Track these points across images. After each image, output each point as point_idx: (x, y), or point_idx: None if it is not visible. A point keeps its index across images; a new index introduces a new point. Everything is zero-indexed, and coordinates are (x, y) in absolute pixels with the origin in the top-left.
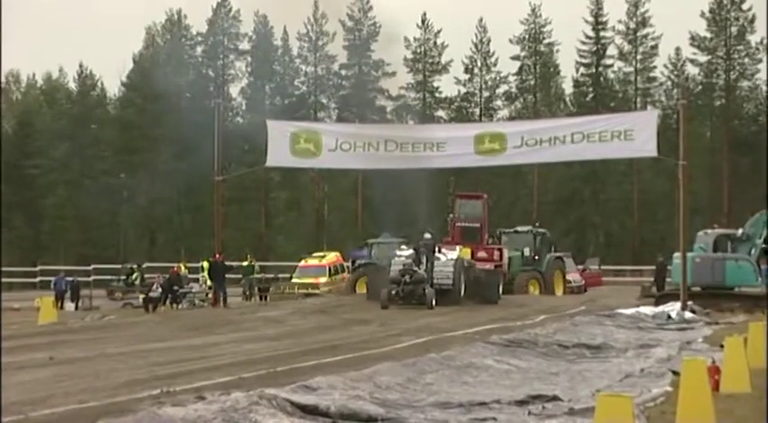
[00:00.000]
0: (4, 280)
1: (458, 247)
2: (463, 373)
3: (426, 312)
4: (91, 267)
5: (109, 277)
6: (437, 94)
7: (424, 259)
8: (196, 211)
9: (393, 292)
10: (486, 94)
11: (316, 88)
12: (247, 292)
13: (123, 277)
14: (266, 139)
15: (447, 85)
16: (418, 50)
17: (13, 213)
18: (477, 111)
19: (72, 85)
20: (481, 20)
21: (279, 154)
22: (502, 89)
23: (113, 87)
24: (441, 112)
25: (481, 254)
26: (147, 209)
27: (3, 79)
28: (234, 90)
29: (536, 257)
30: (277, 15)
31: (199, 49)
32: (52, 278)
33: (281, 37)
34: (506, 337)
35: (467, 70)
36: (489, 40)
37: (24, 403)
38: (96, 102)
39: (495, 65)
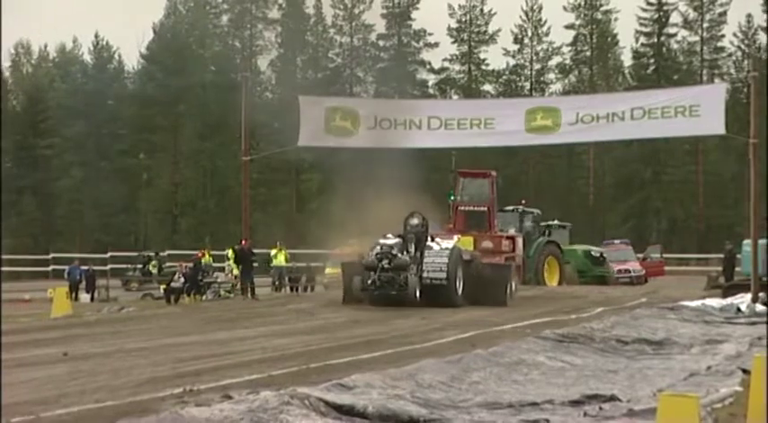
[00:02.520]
0: (14, 268)
1: (456, 236)
2: (512, 370)
3: (472, 305)
4: (108, 255)
5: (125, 266)
6: (484, 67)
7: (412, 249)
8: (222, 195)
9: (368, 282)
10: (537, 66)
11: (351, 60)
12: (277, 283)
13: (140, 266)
14: (298, 116)
15: (494, 57)
16: (463, 19)
17: (25, 197)
18: (528, 85)
19: (87, 58)
20: None
21: (312, 132)
22: (555, 61)
23: (132, 60)
24: (488, 87)
25: (486, 244)
26: (168, 192)
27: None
28: (262, 62)
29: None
30: None
31: (224, 18)
32: (66, 267)
33: (314, 4)
34: (559, 332)
35: (516, 40)
36: (541, 8)
37: (36, 402)
38: (113, 76)
39: (547, 35)
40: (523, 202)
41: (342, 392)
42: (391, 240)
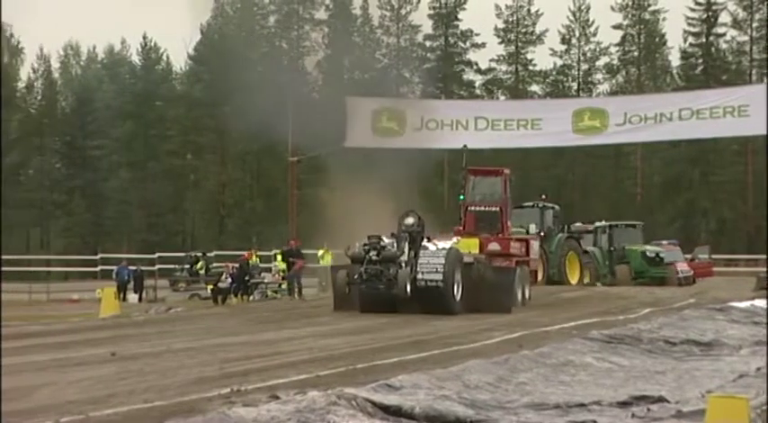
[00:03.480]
0: (63, 269)
1: (455, 238)
2: (560, 371)
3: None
4: (155, 255)
5: (173, 266)
6: (531, 67)
7: (405, 249)
8: (269, 195)
9: (355, 276)
10: (584, 66)
11: (398, 61)
12: (323, 283)
13: (187, 266)
14: (345, 116)
15: (541, 57)
16: (510, 19)
17: (74, 197)
18: (575, 85)
19: (135, 59)
20: None
21: (359, 133)
22: (602, 61)
23: (180, 61)
24: (535, 87)
25: (493, 246)
26: (215, 193)
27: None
28: (309, 63)
29: (542, 234)
30: None
31: (271, 19)
32: (114, 267)
33: (361, 5)
34: (607, 333)
35: (563, 41)
36: (589, 8)
37: (85, 402)
38: (161, 77)
39: (594, 35)
40: (543, 197)
41: (389, 393)
42: (384, 241)
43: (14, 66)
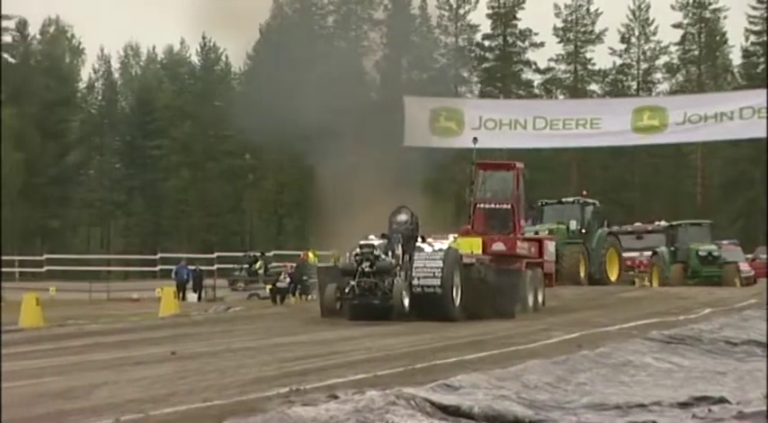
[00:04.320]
0: (123, 268)
1: (451, 236)
2: (619, 371)
3: (579, 303)
4: (214, 255)
5: (231, 266)
6: (590, 67)
7: (399, 250)
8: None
9: (346, 290)
10: (644, 65)
11: (456, 61)
12: None
13: (246, 266)
14: (403, 116)
15: (601, 57)
16: (569, 18)
17: (134, 197)
18: (635, 84)
19: (194, 59)
20: None
21: (417, 132)
22: (662, 60)
23: (238, 61)
24: (594, 86)
25: (497, 246)
26: (273, 192)
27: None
28: (367, 63)
29: (583, 231)
30: None
31: (330, 20)
32: (173, 267)
33: (419, 5)
34: (667, 333)
35: (623, 40)
36: (648, 7)
37: (145, 401)
38: (220, 77)
39: (654, 34)
40: (584, 193)
41: (447, 393)
42: (375, 241)
43: (75, 66)
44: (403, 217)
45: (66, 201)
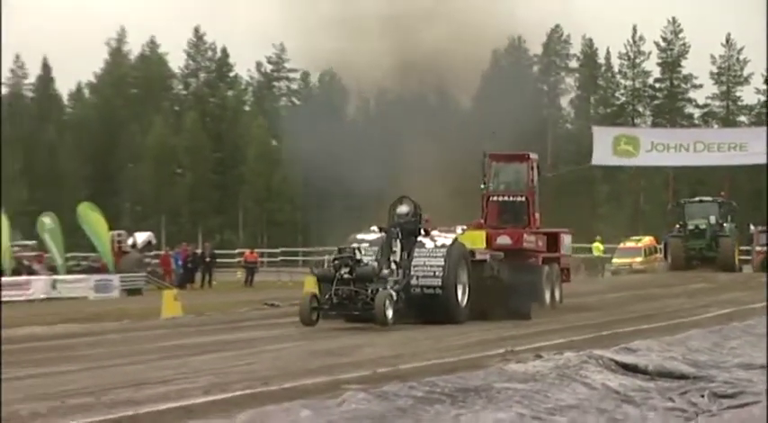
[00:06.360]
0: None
1: (459, 228)
2: (764, 339)
3: (729, 284)
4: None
5: None
6: (739, 103)
7: (397, 246)
8: None
9: (326, 296)
10: None
11: (633, 99)
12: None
13: None
14: (591, 142)
15: (748, 95)
16: (722, 65)
17: None
18: None
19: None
20: None
21: (603, 154)
22: None
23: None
24: (742, 118)
25: (502, 240)
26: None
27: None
28: (564, 101)
29: (723, 226)
30: (600, 39)
31: (535, 68)
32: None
33: (605, 56)
34: None
35: (767, 81)
36: None
37: (395, 358)
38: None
39: None
40: (722, 193)
41: (627, 354)
42: (372, 235)
43: None
44: (404, 208)
45: None
